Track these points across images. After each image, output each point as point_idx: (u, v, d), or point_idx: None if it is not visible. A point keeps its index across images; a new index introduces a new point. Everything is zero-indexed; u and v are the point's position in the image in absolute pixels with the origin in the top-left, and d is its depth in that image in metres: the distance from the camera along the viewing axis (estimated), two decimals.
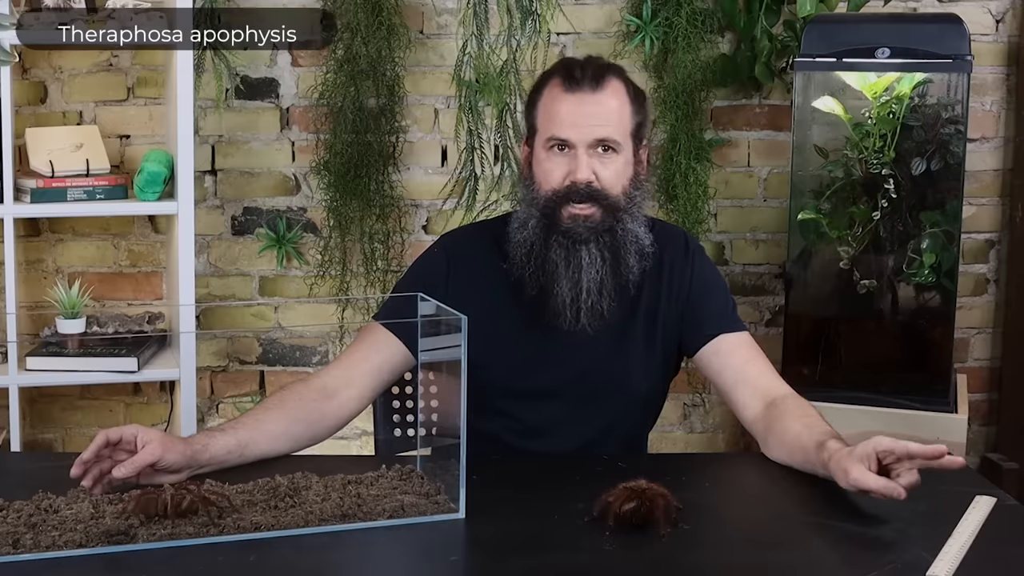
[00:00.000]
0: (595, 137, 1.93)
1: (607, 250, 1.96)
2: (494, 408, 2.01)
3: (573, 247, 1.95)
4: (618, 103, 1.96)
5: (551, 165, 1.95)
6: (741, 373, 1.99)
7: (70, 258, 3.16)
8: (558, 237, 1.95)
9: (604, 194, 1.94)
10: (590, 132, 1.93)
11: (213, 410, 3.24)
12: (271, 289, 3.23)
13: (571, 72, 1.96)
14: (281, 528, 1.55)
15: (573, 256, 1.95)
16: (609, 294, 1.97)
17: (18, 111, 2.92)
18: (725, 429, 3.37)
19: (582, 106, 1.93)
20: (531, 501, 1.69)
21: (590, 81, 1.94)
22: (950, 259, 2.87)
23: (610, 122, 1.94)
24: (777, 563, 1.52)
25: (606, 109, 1.94)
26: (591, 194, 1.93)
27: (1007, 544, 1.56)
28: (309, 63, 3.14)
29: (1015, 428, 3.28)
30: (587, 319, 1.96)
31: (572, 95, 1.94)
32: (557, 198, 1.94)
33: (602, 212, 1.94)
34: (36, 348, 2.90)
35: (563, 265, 1.95)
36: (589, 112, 1.93)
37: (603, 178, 1.94)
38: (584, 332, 1.97)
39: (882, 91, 2.81)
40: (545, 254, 1.96)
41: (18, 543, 1.47)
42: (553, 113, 1.95)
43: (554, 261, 1.95)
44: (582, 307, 1.96)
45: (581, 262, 1.95)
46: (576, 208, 1.94)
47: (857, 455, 1.64)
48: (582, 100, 1.94)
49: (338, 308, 3.27)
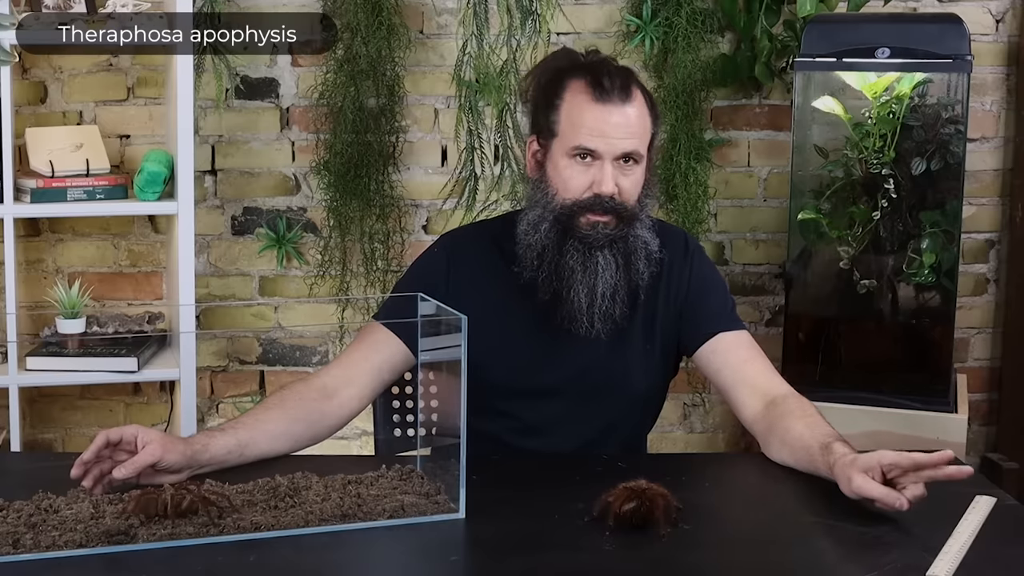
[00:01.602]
0: (623, 151, 1.92)
1: (620, 255, 1.96)
2: (494, 408, 2.01)
3: (589, 253, 1.95)
4: (641, 114, 1.95)
5: (573, 173, 1.94)
6: (740, 372, 1.99)
7: (70, 258, 3.16)
8: (574, 243, 1.94)
9: (624, 206, 1.94)
10: (619, 145, 1.92)
11: (213, 410, 3.25)
12: (271, 289, 3.23)
13: (599, 79, 1.93)
14: (281, 528, 1.55)
15: (590, 262, 1.95)
16: (622, 299, 1.97)
17: (18, 111, 2.92)
18: (725, 429, 3.37)
19: (611, 117, 1.91)
20: (531, 501, 1.69)
21: (620, 92, 1.92)
22: (950, 259, 2.87)
23: (635, 135, 1.93)
24: (777, 563, 1.52)
25: (633, 121, 1.93)
26: (614, 207, 1.93)
27: (1007, 544, 1.56)
28: (309, 63, 3.14)
29: (1015, 428, 3.28)
30: (601, 324, 1.96)
31: (602, 106, 1.92)
32: (577, 208, 1.94)
33: (617, 220, 1.94)
34: (36, 348, 2.90)
35: (580, 271, 1.95)
36: (618, 124, 1.92)
37: (624, 189, 1.94)
38: (587, 333, 1.97)
39: (882, 91, 2.81)
40: (559, 259, 1.95)
41: (18, 543, 1.47)
42: (580, 122, 1.92)
43: (570, 266, 1.95)
44: (596, 312, 1.96)
45: (597, 267, 1.95)
46: (595, 216, 1.93)
47: (861, 464, 1.64)
48: (611, 112, 1.92)
49: (338, 308, 3.27)
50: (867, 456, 1.65)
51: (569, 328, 1.97)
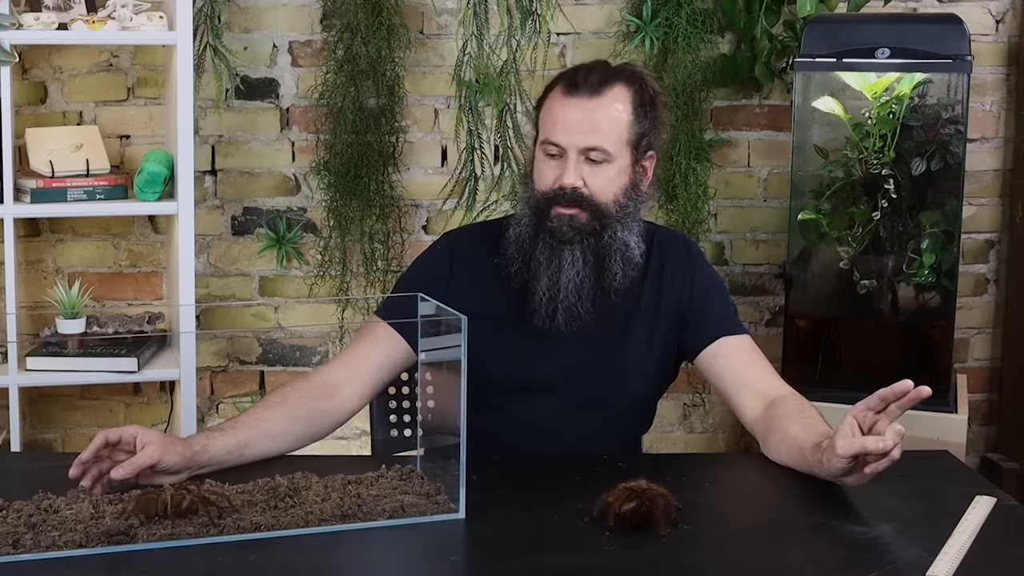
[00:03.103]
0: (585, 145, 1.93)
1: (591, 253, 1.96)
2: (491, 405, 2.01)
3: (557, 246, 1.96)
4: (616, 111, 1.94)
5: (544, 167, 1.97)
6: (741, 375, 1.99)
7: (70, 258, 3.16)
8: (544, 236, 1.96)
9: (591, 200, 1.94)
10: (580, 139, 1.93)
11: (213, 410, 3.25)
12: (271, 289, 3.23)
13: (574, 77, 1.96)
14: (281, 528, 1.55)
15: (556, 255, 1.96)
16: (588, 296, 1.97)
17: (18, 111, 2.92)
18: (725, 429, 3.37)
19: (575, 112, 1.93)
20: (531, 501, 1.69)
21: (589, 87, 1.93)
22: (950, 259, 2.87)
23: (600, 130, 1.93)
24: (777, 563, 1.52)
25: (600, 117, 1.93)
26: (576, 199, 1.94)
27: (1007, 544, 1.56)
28: (309, 63, 3.14)
29: (1015, 428, 3.28)
30: (563, 319, 1.97)
31: (569, 100, 1.94)
32: (545, 201, 1.96)
33: (588, 215, 1.95)
34: (36, 348, 2.90)
35: (545, 263, 1.96)
36: (581, 119, 1.93)
37: (592, 185, 1.94)
38: (582, 331, 1.98)
39: (882, 91, 2.81)
40: (531, 252, 1.97)
41: (18, 543, 1.47)
42: (550, 117, 1.96)
43: (537, 259, 1.97)
44: (559, 306, 1.96)
45: (562, 262, 1.96)
46: (562, 208, 1.94)
47: (840, 432, 1.65)
48: (576, 106, 1.93)
49: (338, 308, 3.27)
50: (841, 421, 1.67)
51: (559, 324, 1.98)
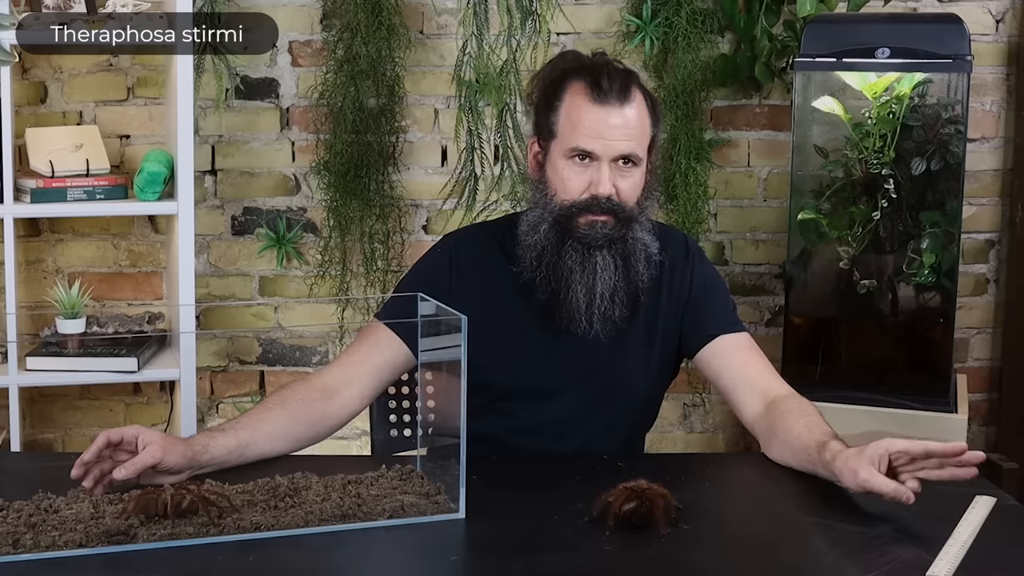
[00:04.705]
0: (620, 152, 1.92)
1: (619, 256, 1.96)
2: (493, 408, 2.01)
3: (588, 253, 1.95)
4: (641, 116, 1.95)
5: (571, 174, 1.94)
6: (740, 374, 1.99)
7: (70, 258, 3.16)
8: (573, 243, 1.94)
9: (622, 207, 1.94)
10: (616, 147, 1.92)
11: (213, 410, 3.25)
12: (271, 289, 3.23)
13: (599, 81, 1.93)
14: (281, 528, 1.55)
15: (588, 261, 1.95)
16: (621, 300, 1.97)
17: (18, 111, 2.92)
18: (725, 429, 3.37)
19: (609, 119, 1.92)
20: (531, 501, 1.69)
21: (618, 93, 1.92)
22: (950, 259, 2.87)
23: (634, 136, 1.93)
24: (777, 563, 1.52)
25: (631, 123, 1.93)
26: (611, 208, 1.93)
27: (1007, 544, 1.56)
28: (309, 63, 3.14)
29: (1015, 428, 3.28)
30: (600, 324, 1.96)
31: (600, 107, 1.92)
32: (575, 209, 1.94)
33: (616, 220, 1.94)
34: (36, 348, 2.90)
35: (578, 271, 1.94)
36: (615, 125, 1.92)
37: (622, 191, 1.94)
38: (585, 334, 1.97)
39: (882, 91, 2.81)
40: (558, 260, 1.95)
41: (18, 543, 1.47)
42: (578, 123, 1.93)
43: (568, 266, 1.95)
44: (595, 312, 1.95)
45: (596, 267, 1.95)
46: (593, 215, 1.93)
47: (867, 456, 1.63)
48: (610, 113, 1.92)
49: (338, 308, 3.27)
50: (873, 446, 1.63)
51: (568, 329, 1.97)
